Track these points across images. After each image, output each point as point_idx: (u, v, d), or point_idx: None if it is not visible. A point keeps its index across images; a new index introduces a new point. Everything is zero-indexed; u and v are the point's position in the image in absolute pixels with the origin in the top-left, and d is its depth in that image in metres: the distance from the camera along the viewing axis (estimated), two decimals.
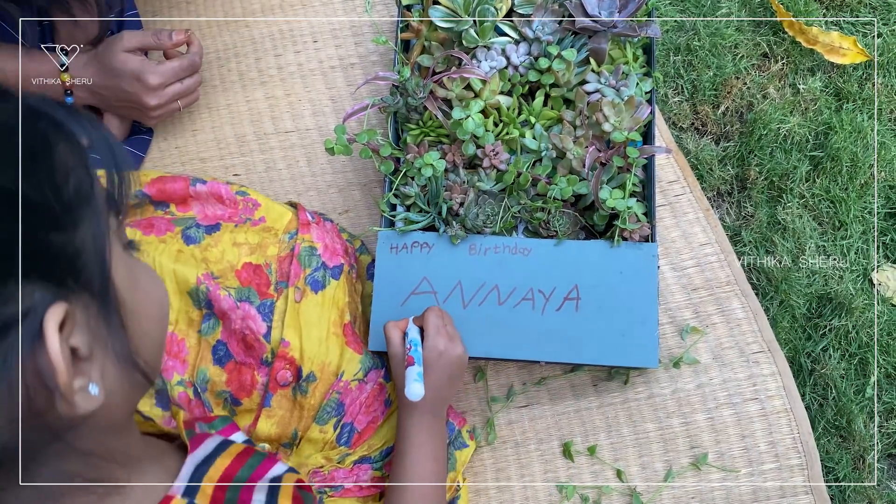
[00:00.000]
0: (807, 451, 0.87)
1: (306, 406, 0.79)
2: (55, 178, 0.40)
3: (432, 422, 0.76)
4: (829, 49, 1.22)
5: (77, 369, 0.41)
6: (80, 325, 0.41)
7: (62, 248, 0.40)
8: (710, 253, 0.94)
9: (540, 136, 0.89)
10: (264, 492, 0.55)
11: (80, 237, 0.40)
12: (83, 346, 0.41)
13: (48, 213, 0.39)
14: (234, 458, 0.58)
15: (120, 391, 0.45)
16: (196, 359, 0.81)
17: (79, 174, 0.41)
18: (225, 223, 0.86)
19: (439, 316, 0.79)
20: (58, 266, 0.39)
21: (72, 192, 0.40)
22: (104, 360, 0.43)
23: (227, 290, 0.81)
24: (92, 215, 0.41)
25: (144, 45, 0.91)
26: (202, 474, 0.54)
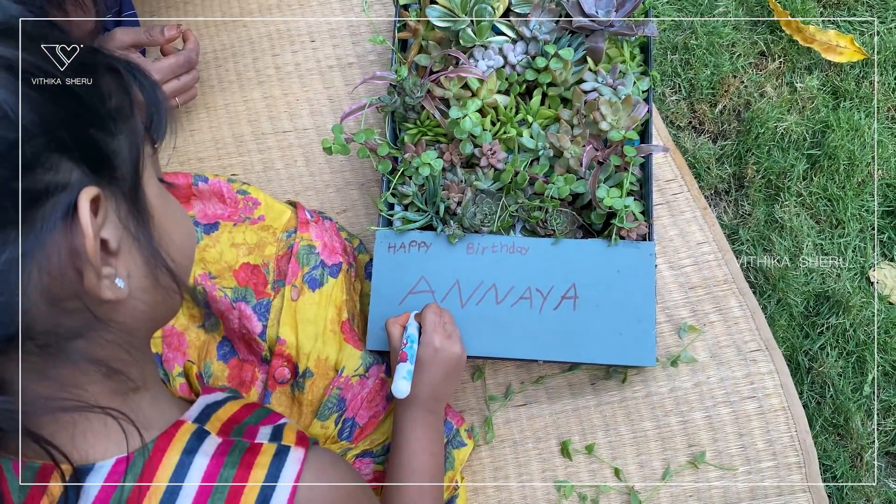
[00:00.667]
0: (804, 450, 0.87)
1: (304, 402, 0.80)
2: (101, 90, 0.46)
3: (429, 417, 0.76)
4: (827, 47, 1.22)
5: (105, 260, 0.45)
6: (110, 219, 0.45)
7: (102, 144, 0.45)
8: (707, 251, 0.94)
9: (537, 135, 0.89)
10: (270, 428, 0.57)
11: (117, 142, 0.46)
12: (113, 239, 0.45)
13: (92, 111, 0.45)
14: (244, 406, 0.60)
15: (144, 295, 0.49)
16: (202, 353, 0.82)
17: (120, 97, 0.48)
18: (224, 222, 0.87)
19: (437, 313, 0.79)
20: (97, 156, 0.44)
21: (113, 106, 0.47)
22: (131, 259, 0.47)
23: (223, 290, 0.81)
24: (130, 132, 0.47)
25: (137, 42, 0.90)
26: (212, 411, 0.56)
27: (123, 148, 0.47)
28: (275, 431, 0.56)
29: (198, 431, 0.52)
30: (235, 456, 0.52)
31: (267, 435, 0.55)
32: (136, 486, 0.48)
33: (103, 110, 0.46)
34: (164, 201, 0.52)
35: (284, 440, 0.55)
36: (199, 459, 0.50)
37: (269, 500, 0.50)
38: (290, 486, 0.51)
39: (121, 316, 0.48)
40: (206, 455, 0.51)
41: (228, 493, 0.50)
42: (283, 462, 0.52)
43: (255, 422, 0.58)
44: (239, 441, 0.53)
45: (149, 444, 0.50)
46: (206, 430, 0.53)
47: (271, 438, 0.55)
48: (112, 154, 0.46)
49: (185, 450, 0.51)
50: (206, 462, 0.50)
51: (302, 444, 0.55)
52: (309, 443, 0.56)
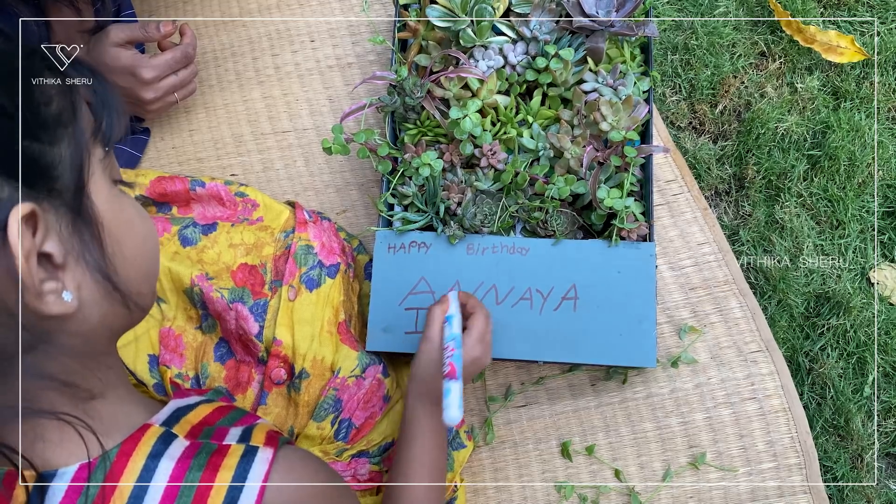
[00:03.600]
0: (805, 451, 0.87)
1: (301, 403, 0.79)
2: (33, 99, 0.44)
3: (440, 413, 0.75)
4: (827, 48, 1.22)
5: (50, 274, 0.44)
6: (52, 231, 0.44)
7: (36, 156, 0.43)
8: (707, 252, 0.94)
9: (537, 135, 0.89)
10: (240, 429, 0.56)
11: (57, 151, 0.45)
12: (56, 253, 0.44)
13: (23, 122, 0.43)
14: (216, 409, 0.59)
15: (98, 307, 0.48)
16: (199, 354, 0.82)
17: (61, 102, 0.46)
18: (222, 223, 0.86)
19: (486, 323, 0.75)
20: (30, 169, 0.43)
21: (52, 113, 0.45)
22: (81, 271, 0.46)
23: (219, 291, 0.81)
24: (71, 137, 0.46)
25: (133, 38, 0.90)
26: (182, 415, 0.56)
27: (64, 156, 0.45)
28: (244, 432, 0.56)
29: (164, 435, 0.51)
30: (202, 458, 0.51)
31: (236, 436, 0.55)
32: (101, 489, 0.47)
33: (37, 119, 0.44)
34: (117, 206, 0.50)
35: (253, 440, 0.54)
36: (165, 463, 0.50)
37: (236, 501, 0.50)
38: (257, 486, 0.50)
39: (73, 326, 0.47)
40: (171, 458, 0.50)
41: (195, 495, 0.49)
42: (251, 462, 0.51)
43: (229, 424, 0.57)
44: (206, 443, 0.52)
45: (113, 449, 0.49)
46: (173, 433, 0.52)
47: (240, 439, 0.54)
48: (49, 165, 0.44)
49: (151, 454, 0.50)
50: (171, 465, 0.50)
51: (271, 443, 0.54)
52: (279, 442, 0.55)
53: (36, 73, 0.45)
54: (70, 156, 0.45)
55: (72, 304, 0.45)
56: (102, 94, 0.49)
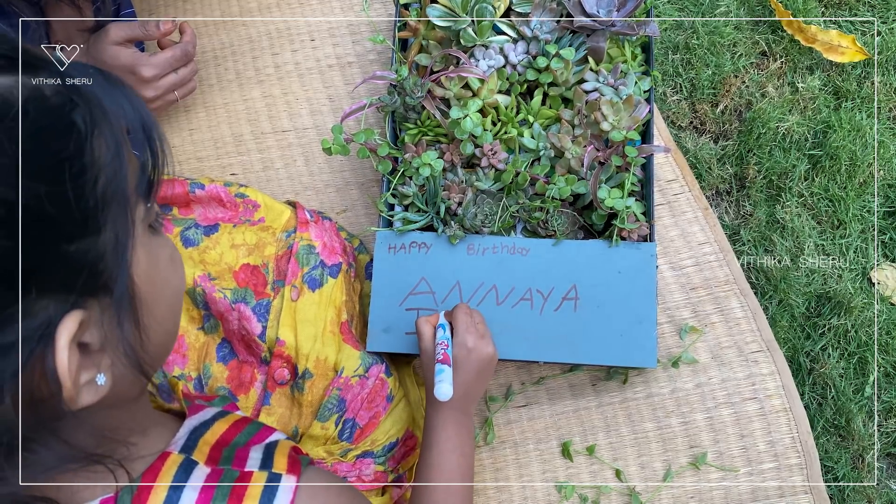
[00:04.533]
0: (806, 451, 0.87)
1: (304, 403, 0.79)
2: (83, 184, 0.37)
3: (460, 417, 0.76)
4: (828, 47, 1.21)
5: (86, 362, 0.40)
6: (93, 322, 0.40)
7: (82, 258, 0.38)
8: (708, 252, 0.94)
9: (538, 135, 0.89)
10: (261, 450, 0.55)
11: (102, 240, 0.39)
12: (95, 342, 0.40)
13: (70, 225, 0.37)
14: (232, 424, 0.58)
15: (127, 378, 0.45)
16: (202, 355, 0.82)
17: (110, 170, 0.39)
18: (223, 224, 0.86)
19: (468, 313, 0.78)
20: (76, 279, 0.38)
21: (99, 193, 0.38)
22: (114, 350, 0.42)
23: (222, 291, 0.81)
24: (118, 214, 0.40)
25: (132, 36, 0.90)
26: (199, 435, 0.54)
27: (110, 241, 0.39)
28: (265, 454, 0.55)
29: (185, 463, 0.50)
30: (225, 488, 0.50)
31: (258, 460, 0.54)
32: None
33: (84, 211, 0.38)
34: (153, 267, 0.45)
35: (275, 465, 0.53)
36: (188, 494, 0.48)
37: None
38: None
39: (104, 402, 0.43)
40: (194, 489, 0.49)
41: None
42: (275, 492, 0.50)
43: (246, 440, 0.56)
44: (228, 470, 0.51)
45: (136, 480, 0.48)
46: (193, 460, 0.51)
47: (262, 464, 0.53)
48: (95, 261, 0.39)
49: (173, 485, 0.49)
50: (195, 496, 0.48)
51: (293, 469, 0.53)
52: (301, 467, 0.54)
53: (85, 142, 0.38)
54: (116, 237, 0.40)
55: (105, 386, 0.42)
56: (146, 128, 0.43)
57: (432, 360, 0.75)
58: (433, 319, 0.79)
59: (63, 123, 0.37)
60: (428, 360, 0.77)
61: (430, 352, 0.76)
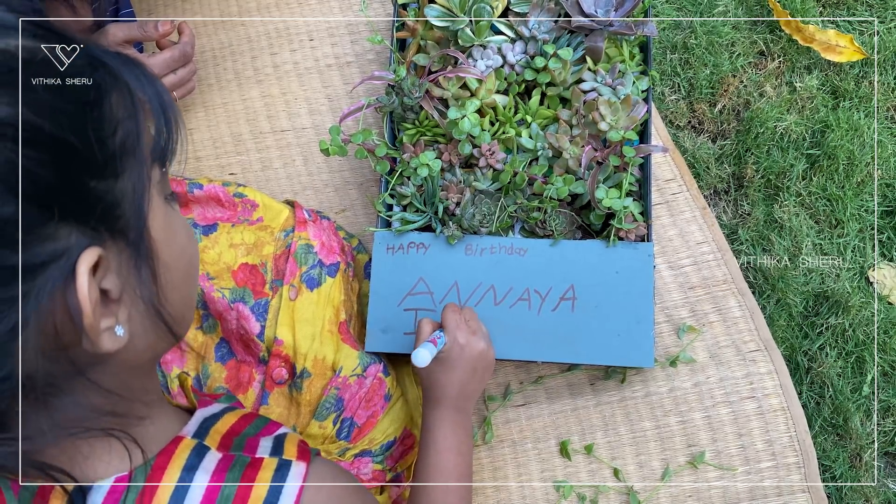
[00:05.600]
0: (803, 450, 0.87)
1: (302, 403, 0.80)
2: (103, 130, 0.42)
3: (457, 416, 0.76)
4: (826, 47, 1.22)
5: (106, 310, 0.43)
6: (112, 269, 0.43)
7: (102, 195, 0.42)
8: (706, 251, 0.94)
9: (536, 135, 0.89)
10: (270, 441, 0.56)
11: (120, 187, 0.42)
12: (114, 289, 0.43)
13: (92, 162, 0.41)
14: (241, 417, 0.59)
15: (145, 336, 0.47)
16: (200, 354, 0.82)
17: (127, 126, 0.43)
18: (222, 223, 0.87)
19: (456, 311, 0.78)
20: (96, 212, 0.41)
21: (118, 143, 0.42)
22: (132, 303, 0.45)
23: (221, 291, 0.81)
24: (135, 166, 0.43)
25: (131, 37, 0.90)
26: (210, 425, 0.56)
27: (128, 190, 0.43)
28: (276, 444, 0.56)
29: (197, 447, 0.52)
30: (236, 472, 0.51)
31: (268, 448, 0.55)
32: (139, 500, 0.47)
33: (105, 154, 0.42)
34: (170, 230, 0.48)
35: (286, 454, 0.54)
36: (200, 476, 0.50)
37: None
38: (292, 501, 0.51)
39: (120, 357, 0.46)
40: (206, 472, 0.50)
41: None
42: (285, 477, 0.52)
43: (255, 432, 0.57)
44: (240, 456, 0.52)
45: (149, 461, 0.49)
46: (205, 445, 0.52)
47: (272, 452, 0.54)
48: (114, 203, 0.42)
49: (186, 467, 0.50)
50: (206, 479, 0.50)
51: (303, 457, 0.54)
52: (310, 456, 0.55)
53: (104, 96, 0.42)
54: (133, 187, 0.43)
55: (123, 338, 0.44)
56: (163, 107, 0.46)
57: (431, 367, 0.75)
58: (437, 322, 0.80)
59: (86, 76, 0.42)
60: None
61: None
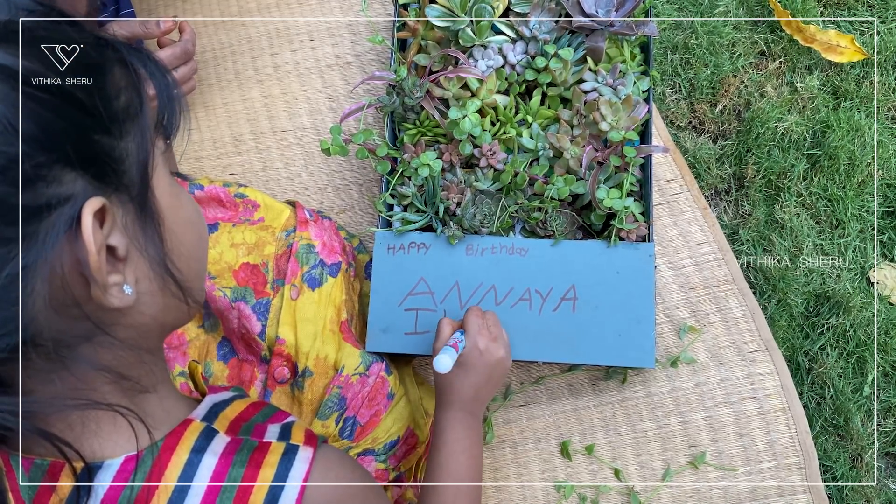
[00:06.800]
0: (804, 450, 0.87)
1: (304, 402, 0.80)
2: (107, 91, 0.44)
3: (469, 419, 0.75)
4: (827, 47, 1.21)
5: (113, 267, 0.44)
6: (118, 226, 0.44)
7: (108, 150, 0.44)
8: (707, 252, 0.94)
9: (537, 135, 0.89)
10: (278, 427, 0.57)
11: (125, 145, 0.45)
12: (120, 246, 0.44)
13: (96, 117, 0.43)
14: (250, 405, 0.60)
15: (153, 300, 0.48)
16: (202, 353, 0.82)
17: (129, 94, 0.46)
18: (223, 223, 0.87)
19: (479, 315, 0.78)
20: (102, 164, 0.43)
21: (122, 105, 0.45)
22: (139, 264, 0.46)
23: (222, 290, 0.81)
24: (138, 131, 0.46)
25: (133, 34, 0.90)
26: (219, 411, 0.56)
27: (132, 150, 0.45)
28: (283, 430, 0.56)
29: (206, 430, 0.52)
30: (244, 455, 0.51)
31: (275, 434, 0.55)
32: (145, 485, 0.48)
33: (109, 112, 0.44)
34: (177, 200, 0.50)
35: (293, 439, 0.55)
36: (208, 458, 0.50)
37: (277, 500, 0.50)
38: (298, 485, 0.51)
39: (129, 320, 0.47)
40: (214, 454, 0.51)
41: (237, 493, 0.50)
42: (292, 461, 0.52)
43: (263, 420, 0.57)
44: (247, 440, 0.53)
45: (158, 442, 0.50)
46: (214, 428, 0.53)
47: (280, 437, 0.55)
48: (118, 159, 0.44)
49: (194, 448, 0.50)
50: (214, 461, 0.50)
51: (310, 442, 0.55)
52: (318, 441, 0.56)
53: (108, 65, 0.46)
54: (137, 149, 0.46)
55: (131, 297, 0.45)
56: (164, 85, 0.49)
57: None
58: (456, 324, 0.79)
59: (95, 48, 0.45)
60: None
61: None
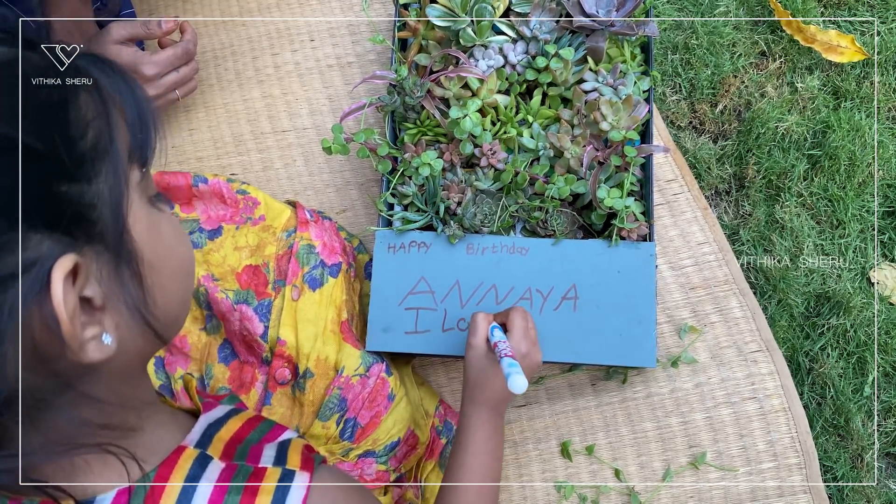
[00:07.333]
0: (805, 451, 0.87)
1: (305, 403, 0.80)
2: (70, 132, 0.40)
3: (496, 419, 0.75)
4: (827, 47, 1.22)
5: (90, 318, 0.41)
6: (93, 275, 0.41)
7: (75, 199, 0.39)
8: (708, 252, 0.94)
9: (537, 135, 0.89)
10: (274, 448, 0.56)
11: (95, 189, 0.40)
12: (97, 296, 0.41)
13: (59, 165, 0.39)
14: (245, 422, 0.59)
15: (133, 341, 0.45)
16: (204, 355, 0.83)
17: (98, 126, 0.41)
18: (226, 225, 0.87)
19: (525, 317, 0.76)
20: (69, 218, 0.39)
21: (89, 144, 0.40)
22: (118, 310, 0.43)
23: (224, 292, 0.81)
24: (110, 168, 0.41)
25: (134, 35, 0.90)
26: (214, 433, 0.55)
27: (103, 193, 0.41)
28: (279, 452, 0.55)
29: (200, 457, 0.51)
30: (239, 481, 0.50)
31: (271, 457, 0.54)
32: None
33: (74, 156, 0.39)
34: (155, 232, 0.46)
35: (289, 462, 0.54)
36: (203, 487, 0.49)
37: None
38: None
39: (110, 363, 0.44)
40: (209, 481, 0.49)
41: None
42: (288, 488, 0.51)
43: (259, 438, 0.56)
44: (242, 465, 0.52)
45: (150, 473, 0.48)
46: (208, 454, 0.52)
47: (276, 461, 0.54)
48: (89, 206, 0.40)
49: (188, 477, 0.49)
50: (209, 489, 0.49)
51: (307, 466, 0.54)
52: (314, 464, 0.55)
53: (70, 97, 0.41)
54: (109, 190, 0.41)
55: (112, 346, 0.42)
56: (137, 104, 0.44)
57: (483, 355, 0.74)
58: (490, 317, 0.78)
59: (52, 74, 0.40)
60: (477, 355, 0.75)
61: (481, 347, 0.75)
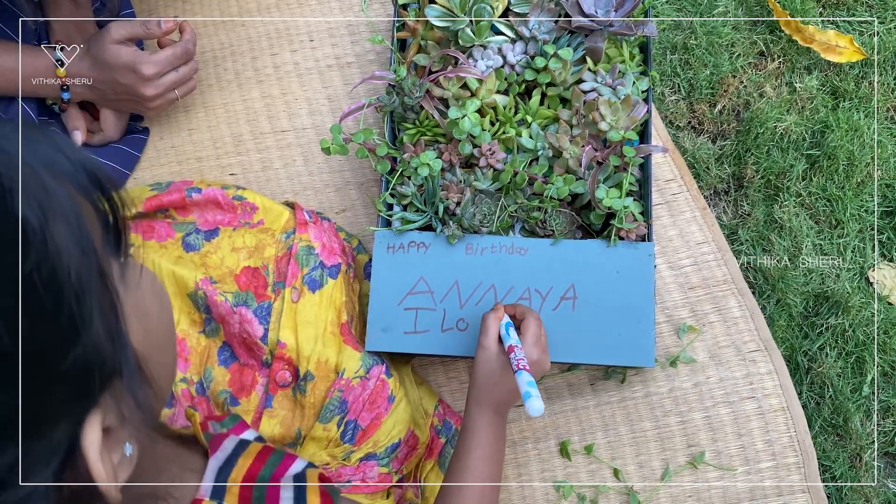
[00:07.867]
0: (803, 450, 0.87)
1: (307, 405, 0.80)
2: (57, 288, 0.32)
3: (499, 422, 0.75)
4: (826, 47, 1.22)
5: (112, 444, 0.37)
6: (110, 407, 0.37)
7: (79, 365, 0.34)
8: (706, 252, 0.94)
9: (536, 135, 0.89)
10: (291, 490, 0.55)
11: (93, 334, 0.34)
12: (115, 422, 0.37)
13: (56, 345, 0.33)
14: (255, 457, 0.58)
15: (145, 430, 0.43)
16: (203, 358, 0.82)
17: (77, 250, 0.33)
18: (223, 227, 0.87)
19: (539, 324, 0.76)
20: (78, 390, 0.34)
21: (75, 286, 0.33)
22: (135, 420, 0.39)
23: (224, 295, 0.81)
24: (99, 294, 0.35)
25: (133, 34, 0.90)
26: (226, 475, 0.54)
27: (101, 333, 0.35)
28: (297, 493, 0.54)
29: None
30: None
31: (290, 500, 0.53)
32: None
33: (68, 315, 0.33)
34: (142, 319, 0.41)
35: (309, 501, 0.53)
36: None
37: None
38: None
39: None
40: None
41: None
42: None
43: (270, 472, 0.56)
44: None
45: None
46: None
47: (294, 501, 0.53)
48: (93, 361, 0.35)
49: None
50: None
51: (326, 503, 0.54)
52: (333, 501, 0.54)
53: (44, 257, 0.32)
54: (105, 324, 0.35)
55: (134, 455, 0.39)
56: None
57: (494, 358, 0.74)
58: (499, 314, 0.77)
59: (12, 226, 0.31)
60: (488, 357, 0.75)
61: (492, 349, 0.74)
